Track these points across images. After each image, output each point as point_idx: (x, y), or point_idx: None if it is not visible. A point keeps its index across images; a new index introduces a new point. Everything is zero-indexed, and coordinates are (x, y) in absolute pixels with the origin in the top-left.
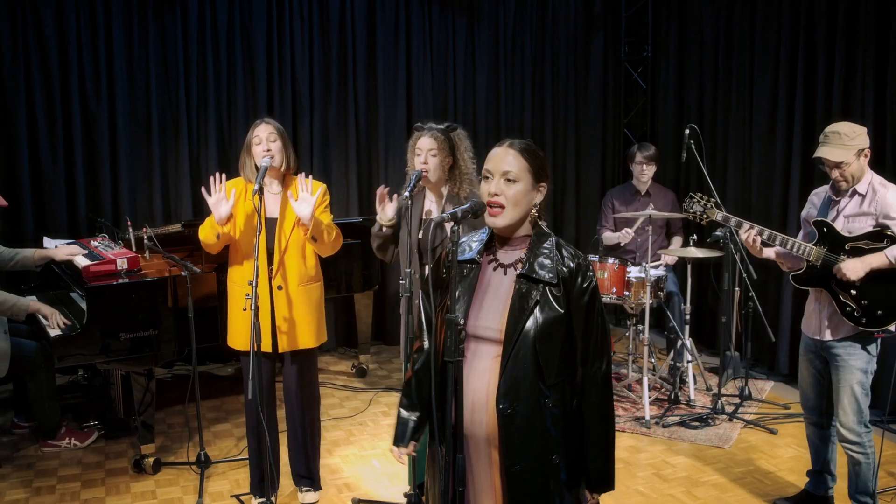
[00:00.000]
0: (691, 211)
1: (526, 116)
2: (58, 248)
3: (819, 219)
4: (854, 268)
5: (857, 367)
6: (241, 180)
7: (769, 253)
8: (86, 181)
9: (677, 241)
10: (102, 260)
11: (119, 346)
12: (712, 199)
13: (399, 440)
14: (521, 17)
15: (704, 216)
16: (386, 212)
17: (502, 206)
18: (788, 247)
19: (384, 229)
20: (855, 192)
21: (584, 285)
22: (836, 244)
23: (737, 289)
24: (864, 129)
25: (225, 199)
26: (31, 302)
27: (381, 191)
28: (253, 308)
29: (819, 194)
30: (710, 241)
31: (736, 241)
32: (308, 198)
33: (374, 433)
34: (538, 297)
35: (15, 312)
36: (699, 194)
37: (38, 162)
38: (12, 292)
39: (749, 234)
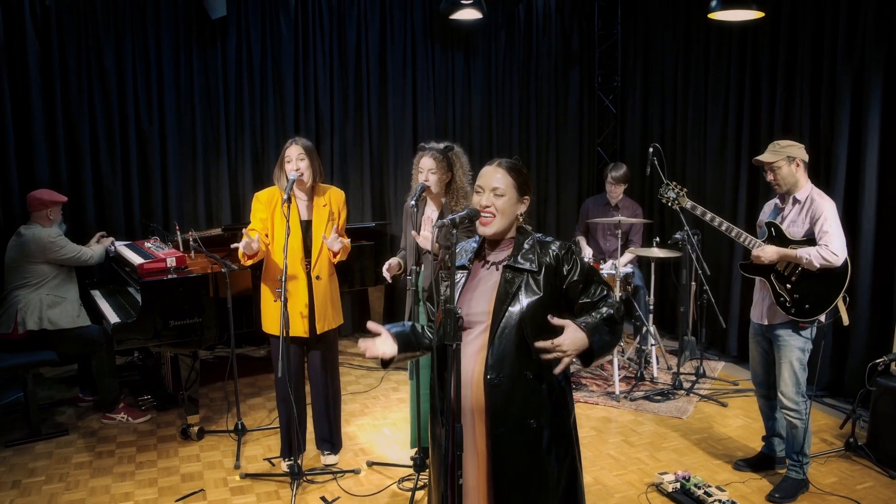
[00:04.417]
0: (665, 196)
1: (514, 137)
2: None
3: (770, 220)
4: (768, 253)
5: (795, 346)
6: (274, 189)
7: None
8: (140, 191)
9: (631, 252)
10: (154, 258)
11: (168, 332)
12: (685, 189)
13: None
14: (510, 52)
15: (676, 202)
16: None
17: (493, 215)
18: (741, 239)
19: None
20: (796, 201)
21: (570, 266)
22: (781, 244)
23: (693, 283)
24: (802, 146)
25: (253, 241)
26: (97, 247)
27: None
28: (283, 299)
29: (770, 204)
30: (671, 242)
31: (693, 242)
32: (335, 240)
33: (385, 406)
34: (521, 283)
35: (96, 260)
36: (674, 182)
37: (99, 174)
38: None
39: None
